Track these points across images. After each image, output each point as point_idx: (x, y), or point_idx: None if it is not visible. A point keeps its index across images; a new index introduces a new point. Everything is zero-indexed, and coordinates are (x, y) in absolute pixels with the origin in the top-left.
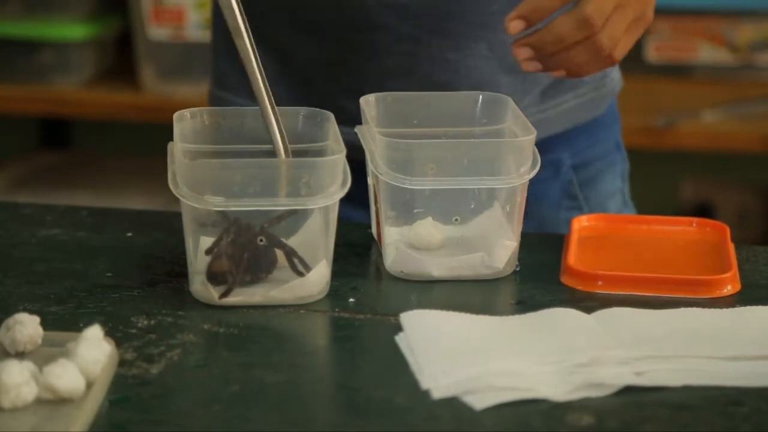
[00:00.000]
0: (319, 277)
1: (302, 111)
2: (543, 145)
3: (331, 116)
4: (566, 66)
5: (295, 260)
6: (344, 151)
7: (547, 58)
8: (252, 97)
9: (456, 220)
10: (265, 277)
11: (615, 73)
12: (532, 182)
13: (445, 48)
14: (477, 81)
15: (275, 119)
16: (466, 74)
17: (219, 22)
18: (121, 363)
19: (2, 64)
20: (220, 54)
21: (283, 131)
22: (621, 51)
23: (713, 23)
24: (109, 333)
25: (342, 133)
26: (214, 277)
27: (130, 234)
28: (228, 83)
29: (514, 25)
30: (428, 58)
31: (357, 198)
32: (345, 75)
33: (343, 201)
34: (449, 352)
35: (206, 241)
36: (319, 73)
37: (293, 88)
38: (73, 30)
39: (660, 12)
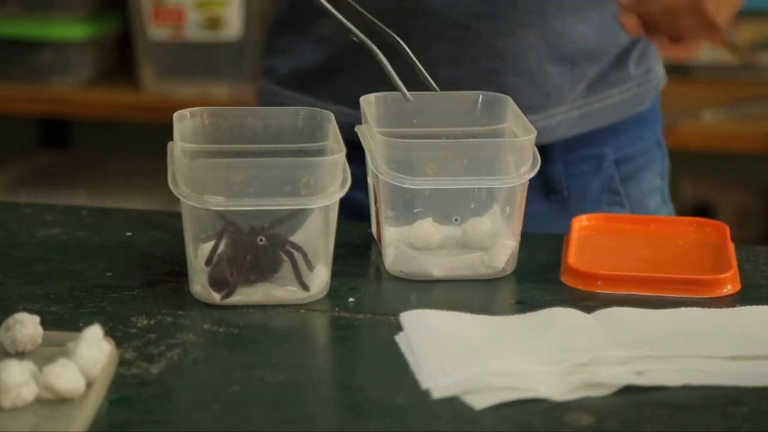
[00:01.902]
0: (319, 277)
1: (302, 111)
2: (587, 139)
3: (331, 116)
4: (671, 32)
5: (300, 266)
6: (344, 151)
7: (652, 24)
8: (299, 89)
9: (456, 219)
10: (271, 277)
11: (659, 68)
12: (575, 176)
13: (493, 35)
14: (524, 69)
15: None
16: (513, 62)
17: (274, 18)
18: (121, 363)
19: (2, 63)
20: (271, 48)
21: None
22: (724, 17)
23: None
24: (109, 333)
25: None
26: (215, 283)
27: (129, 234)
28: (278, 77)
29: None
30: (476, 45)
31: (359, 182)
32: (393, 65)
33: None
34: (449, 351)
35: (206, 246)
36: (372, 65)
37: (349, 76)
38: (73, 30)
39: None
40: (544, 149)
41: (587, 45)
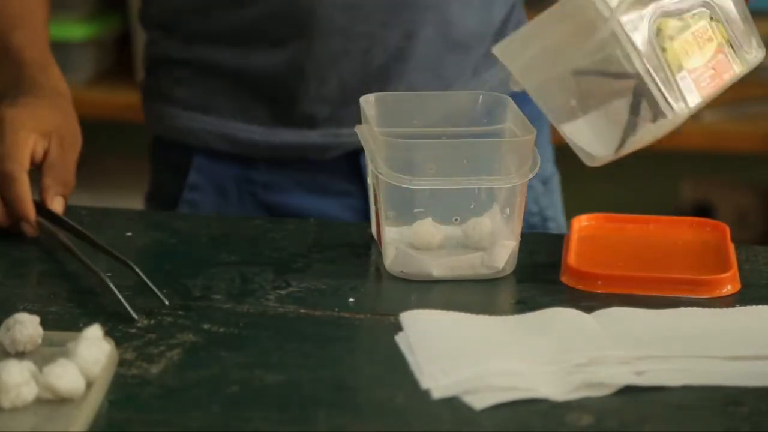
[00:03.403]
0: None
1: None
2: None
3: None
4: None
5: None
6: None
7: None
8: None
9: (456, 219)
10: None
11: None
12: None
13: (398, 39)
14: (427, 64)
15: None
16: (416, 60)
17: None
18: (121, 363)
19: None
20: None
21: None
22: None
23: None
24: (109, 333)
25: (309, 137)
26: None
27: (129, 234)
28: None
29: None
30: (382, 51)
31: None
32: (304, 83)
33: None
34: (449, 351)
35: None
36: (277, 84)
37: (253, 103)
38: (73, 30)
39: None
40: None
41: (474, 28)
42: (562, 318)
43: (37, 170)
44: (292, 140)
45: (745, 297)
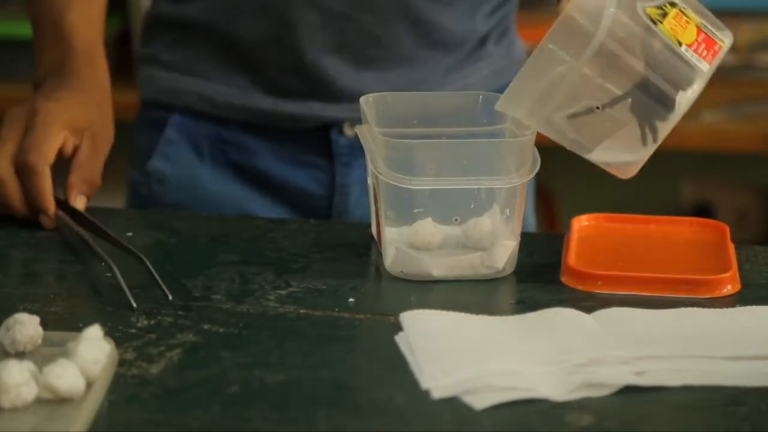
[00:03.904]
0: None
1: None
2: None
3: None
4: None
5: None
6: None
7: None
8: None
9: (456, 219)
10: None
11: (520, 43)
12: None
13: (373, 24)
14: (402, 56)
15: None
16: (391, 49)
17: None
18: (121, 363)
19: (3, 64)
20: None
21: None
22: None
23: None
24: (109, 333)
25: (281, 107)
26: None
27: (130, 234)
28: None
29: None
30: (358, 35)
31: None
32: (281, 53)
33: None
34: (449, 352)
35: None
36: (257, 51)
37: (234, 68)
38: None
39: None
40: None
41: (455, 33)
42: (562, 318)
43: (65, 165)
44: (266, 108)
45: (745, 297)
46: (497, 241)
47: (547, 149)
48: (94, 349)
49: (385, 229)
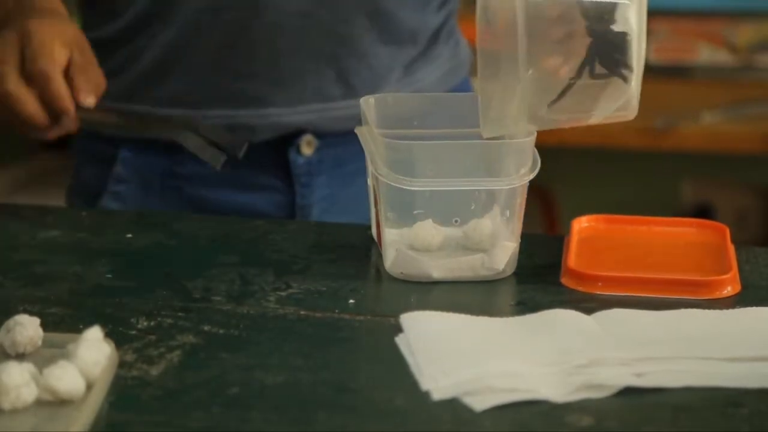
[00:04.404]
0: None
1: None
2: None
3: None
4: None
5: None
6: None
7: None
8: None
9: (456, 221)
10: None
11: (464, 42)
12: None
13: (333, 21)
14: (361, 52)
15: None
16: (351, 46)
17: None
18: (121, 364)
19: None
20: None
21: None
22: None
23: (713, 24)
24: (109, 334)
25: (238, 117)
26: None
27: (129, 235)
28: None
29: None
30: (319, 32)
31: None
32: (237, 56)
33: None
34: (449, 353)
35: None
36: (212, 56)
37: (191, 75)
38: None
39: (659, 13)
40: None
41: (409, 25)
42: (562, 319)
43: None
44: (221, 122)
45: (745, 298)
46: (497, 242)
47: (548, 150)
48: (94, 350)
49: (386, 231)
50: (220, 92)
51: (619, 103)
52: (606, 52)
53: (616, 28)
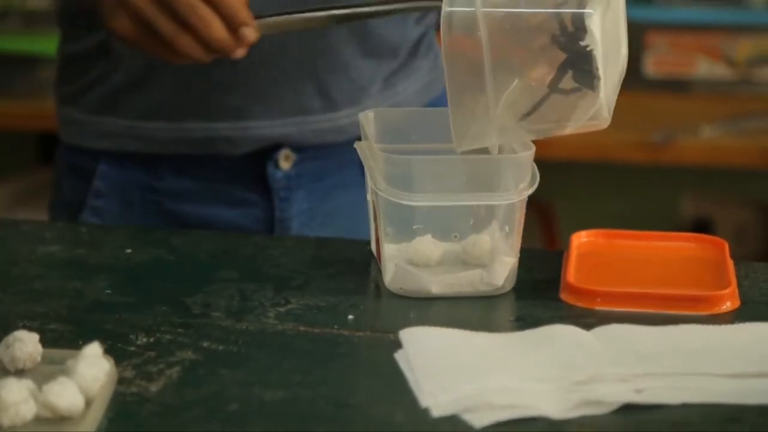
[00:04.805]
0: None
1: None
2: None
3: None
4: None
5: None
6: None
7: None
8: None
9: (455, 236)
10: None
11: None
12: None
13: (312, 35)
14: (341, 65)
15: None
16: (330, 59)
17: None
18: (120, 381)
19: (2, 79)
20: (68, 77)
21: None
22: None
23: (711, 38)
24: (108, 350)
25: (217, 129)
26: None
27: (129, 251)
28: (84, 105)
29: None
30: (298, 46)
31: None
32: (216, 70)
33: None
34: (448, 369)
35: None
36: (191, 69)
37: (170, 88)
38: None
39: (658, 27)
40: None
41: (389, 39)
42: (561, 335)
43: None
44: (199, 135)
45: (744, 314)
46: (496, 257)
47: (546, 165)
48: (93, 367)
49: (385, 246)
50: (200, 105)
51: (590, 113)
52: (572, 63)
53: (581, 38)
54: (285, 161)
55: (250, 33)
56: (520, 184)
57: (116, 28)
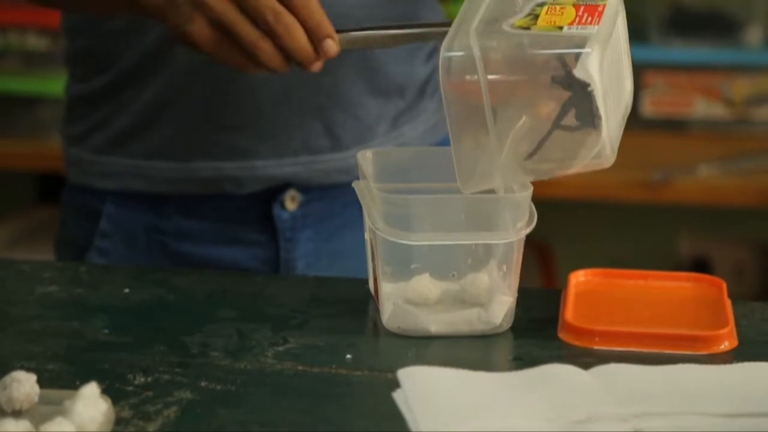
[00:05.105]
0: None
1: None
2: None
3: None
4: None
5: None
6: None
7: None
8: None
9: (453, 275)
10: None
11: None
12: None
13: (319, 74)
14: (347, 104)
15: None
16: (337, 97)
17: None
18: (118, 421)
19: (1, 119)
20: (75, 116)
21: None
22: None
23: (709, 78)
24: (106, 391)
25: (224, 169)
26: None
27: (127, 291)
28: (91, 145)
29: None
30: (302, 85)
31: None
32: (223, 109)
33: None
34: (447, 408)
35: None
36: (198, 110)
37: (178, 128)
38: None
39: (655, 67)
40: None
41: (396, 78)
42: (559, 374)
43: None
44: (206, 175)
45: (742, 353)
46: (494, 296)
47: (544, 204)
48: (90, 407)
49: (383, 285)
50: (207, 144)
51: (594, 152)
52: (574, 102)
53: (579, 78)
54: (291, 202)
55: (332, 46)
56: (518, 224)
57: (192, 32)
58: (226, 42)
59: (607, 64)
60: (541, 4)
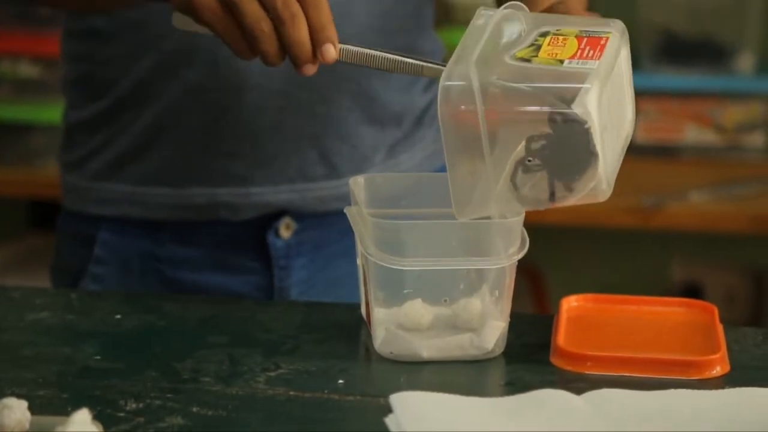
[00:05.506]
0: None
1: None
2: None
3: None
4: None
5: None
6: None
7: None
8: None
9: (445, 300)
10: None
11: None
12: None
13: (313, 101)
14: (343, 132)
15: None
16: (333, 126)
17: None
18: None
19: None
20: (73, 143)
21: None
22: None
23: (700, 105)
24: (98, 417)
25: (220, 195)
26: None
27: (119, 316)
28: (90, 172)
29: None
30: (298, 112)
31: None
32: (219, 136)
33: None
34: None
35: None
36: (195, 136)
37: (173, 154)
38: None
39: (647, 93)
40: None
41: (394, 107)
42: (551, 400)
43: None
44: (201, 201)
45: (734, 379)
46: (487, 321)
47: (536, 229)
48: None
49: (375, 310)
50: (202, 171)
51: (590, 186)
52: (574, 136)
53: (577, 114)
54: (285, 230)
55: (332, 52)
56: (510, 249)
57: (197, 1)
58: (228, 17)
59: (606, 99)
60: (544, 34)
